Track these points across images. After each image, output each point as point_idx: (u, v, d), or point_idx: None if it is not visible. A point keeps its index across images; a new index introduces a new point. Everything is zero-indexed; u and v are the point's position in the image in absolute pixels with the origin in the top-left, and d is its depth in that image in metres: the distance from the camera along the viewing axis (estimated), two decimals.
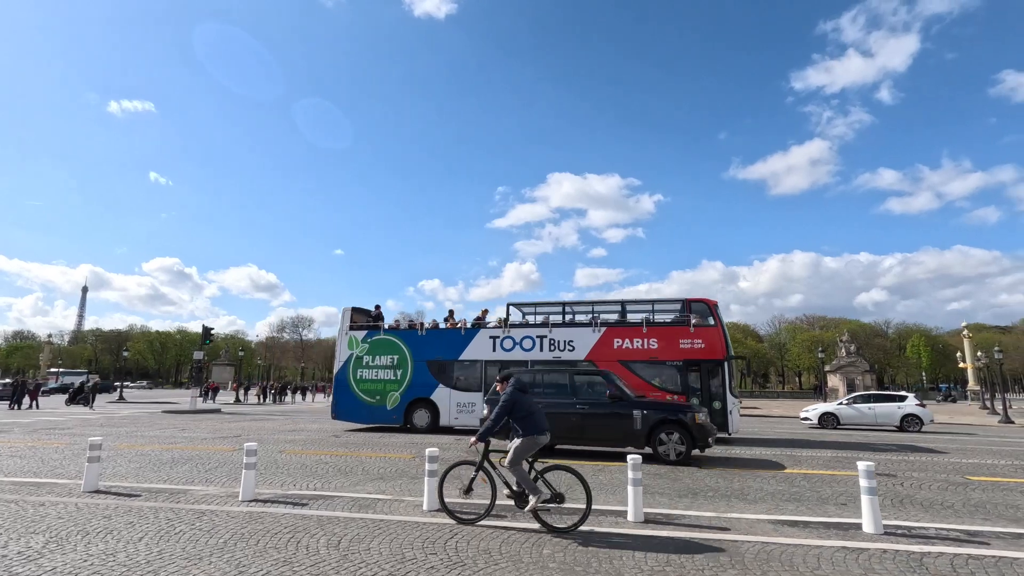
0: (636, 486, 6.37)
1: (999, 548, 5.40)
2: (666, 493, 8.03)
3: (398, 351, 18.26)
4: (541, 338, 17.07)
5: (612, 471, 10.01)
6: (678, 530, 5.93)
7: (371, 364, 18.42)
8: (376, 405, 18.06)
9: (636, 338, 16.25)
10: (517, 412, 6.12)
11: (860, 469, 6.02)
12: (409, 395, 17.81)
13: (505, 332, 17.51)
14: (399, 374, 18.08)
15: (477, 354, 17.47)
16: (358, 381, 18.40)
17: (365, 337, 18.75)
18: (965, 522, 6.50)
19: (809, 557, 5.06)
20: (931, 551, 5.28)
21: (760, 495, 7.95)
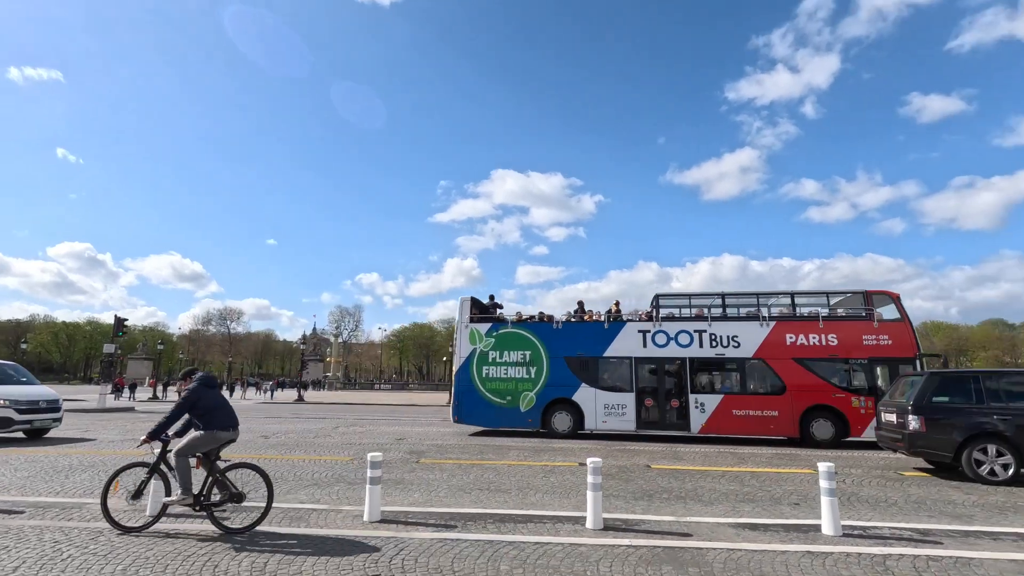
0: (596, 491, 5.99)
1: (953, 548, 5.42)
2: (620, 495, 7.75)
3: (530, 346, 16.37)
4: (700, 332, 15.51)
5: (562, 472, 9.67)
6: (640, 537, 5.60)
7: (498, 361, 16.42)
8: (507, 407, 16.12)
9: (812, 333, 14.97)
10: (199, 408, 5.70)
11: (821, 471, 5.91)
12: (547, 395, 15.96)
13: (656, 326, 15.84)
14: (533, 372, 16.20)
15: (625, 350, 15.80)
16: (484, 380, 16.40)
17: (490, 331, 16.76)
18: (912, 520, 6.57)
19: (777, 564, 4.85)
20: (891, 553, 5.21)
21: (715, 496, 7.82)
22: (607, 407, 15.50)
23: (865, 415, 13.97)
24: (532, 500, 7.36)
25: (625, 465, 10.58)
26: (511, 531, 5.77)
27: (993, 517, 6.77)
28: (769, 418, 14.53)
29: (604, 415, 15.48)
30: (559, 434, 15.53)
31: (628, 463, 10.85)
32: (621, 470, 9.98)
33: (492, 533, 5.68)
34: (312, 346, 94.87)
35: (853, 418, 14.07)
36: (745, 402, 14.78)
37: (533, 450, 12.70)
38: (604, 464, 10.50)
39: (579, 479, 8.88)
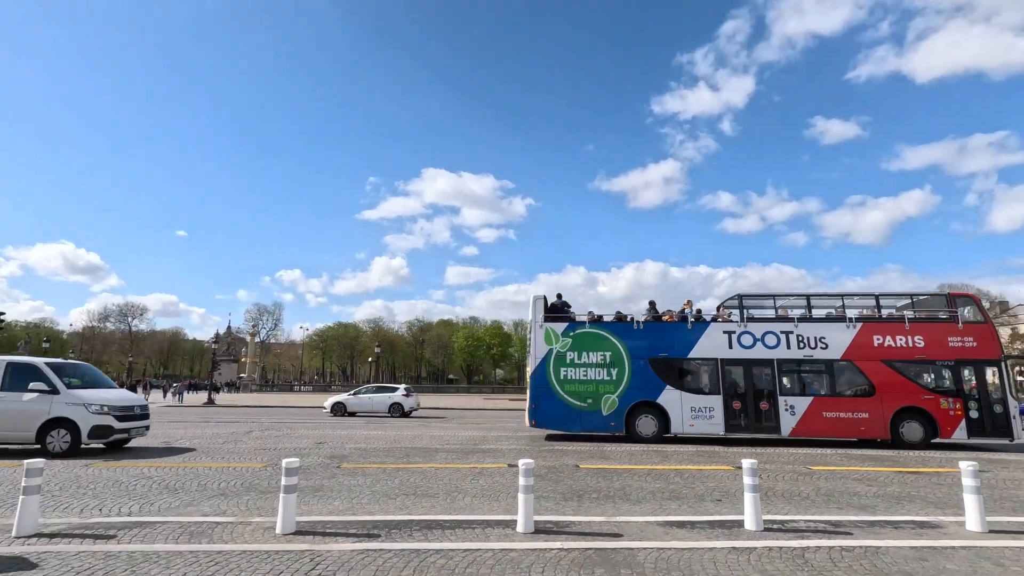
0: (527, 493, 5.81)
1: (862, 538, 5.70)
2: (550, 496, 7.63)
3: (610, 347, 15.70)
4: (787, 334, 15.21)
5: (492, 474, 9.45)
6: (572, 539, 5.48)
7: (576, 362, 15.66)
8: (587, 410, 15.37)
9: (899, 335, 14.90)
10: None
11: (745, 467, 6.06)
12: (629, 398, 15.31)
13: (742, 327, 15.49)
14: (614, 374, 15.50)
15: (710, 351, 15.36)
16: (562, 382, 15.60)
17: (566, 330, 15.97)
18: (824, 512, 6.91)
19: (706, 562, 4.87)
20: (809, 545, 5.40)
21: (642, 494, 7.89)
22: (694, 410, 15.04)
23: (954, 417, 14.14)
24: (461, 504, 7.09)
25: (554, 465, 10.53)
26: (439, 538, 5.48)
27: (892, 507, 7.25)
28: (860, 420, 14.51)
29: (691, 418, 15.03)
30: (644, 439, 15.03)
31: (557, 463, 10.82)
32: (551, 470, 9.91)
33: (418, 541, 5.35)
34: (226, 346, 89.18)
35: (942, 420, 14.21)
36: (835, 404, 14.68)
37: (461, 452, 12.40)
38: (534, 463, 10.43)
39: (509, 481, 8.70)
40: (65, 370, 12.21)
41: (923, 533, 5.92)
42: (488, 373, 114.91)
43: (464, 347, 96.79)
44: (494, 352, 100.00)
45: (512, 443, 14.44)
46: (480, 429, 18.87)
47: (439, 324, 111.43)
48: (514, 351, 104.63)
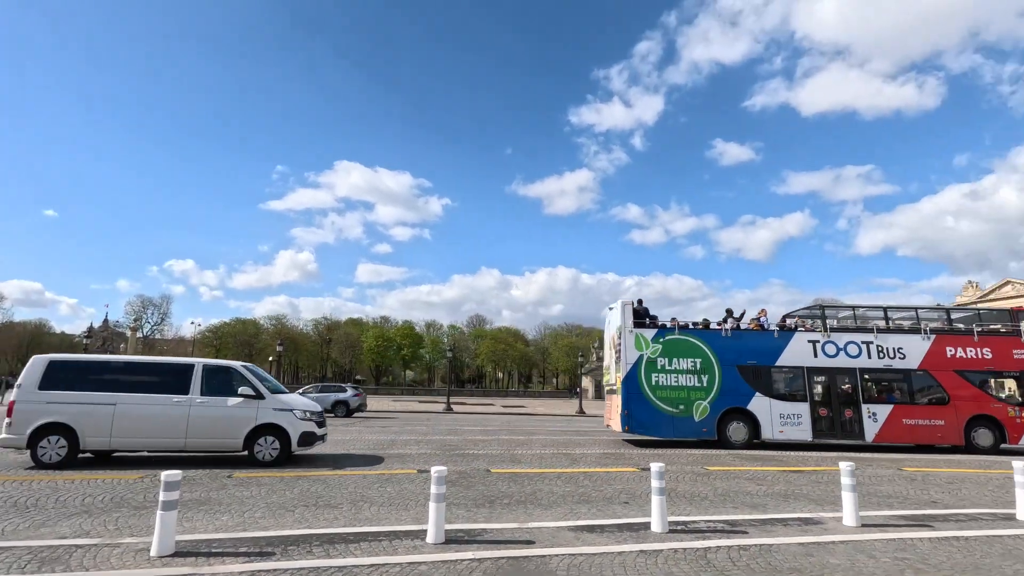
0: (439, 502, 5.58)
1: (756, 536, 6.03)
2: (462, 503, 7.43)
3: (700, 354, 15.74)
4: (867, 344, 15.73)
5: (400, 481, 9.08)
6: (484, 549, 5.32)
7: (667, 368, 15.62)
8: (680, 416, 15.33)
9: (969, 347, 15.64)
10: None
11: (653, 471, 6.22)
12: (721, 405, 15.37)
13: (826, 336, 15.86)
14: (705, 380, 15.54)
15: (796, 359, 15.65)
16: (654, 388, 15.52)
17: (655, 336, 15.89)
18: (722, 512, 7.27)
19: (616, 567, 4.90)
20: (710, 545, 5.62)
21: (553, 499, 7.89)
22: (783, 417, 15.33)
23: (1020, 424, 15.13)
24: (367, 515, 6.70)
25: (465, 470, 10.33)
26: (341, 553, 5.10)
27: (780, 505, 7.79)
28: (936, 427, 15.24)
29: (780, 425, 15.30)
30: (734, 444, 15.17)
31: (468, 468, 10.63)
32: (462, 476, 9.70)
33: (318, 558, 4.95)
34: (101, 340, 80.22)
35: (1010, 427, 15.11)
36: (913, 412, 15.35)
37: (369, 457, 11.85)
38: (446, 469, 10.15)
39: (419, 488, 8.39)
40: (257, 373, 11.43)
41: (808, 529, 6.37)
42: (398, 374, 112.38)
43: (374, 347, 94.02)
44: (404, 353, 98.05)
45: (421, 447, 14.06)
46: (388, 433, 18.25)
47: (348, 323, 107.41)
48: (425, 352, 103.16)
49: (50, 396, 10.07)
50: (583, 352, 68.92)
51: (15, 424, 9.84)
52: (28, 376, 10.23)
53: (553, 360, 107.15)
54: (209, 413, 10.41)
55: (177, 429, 10.24)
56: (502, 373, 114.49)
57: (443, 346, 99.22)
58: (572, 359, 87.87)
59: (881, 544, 5.82)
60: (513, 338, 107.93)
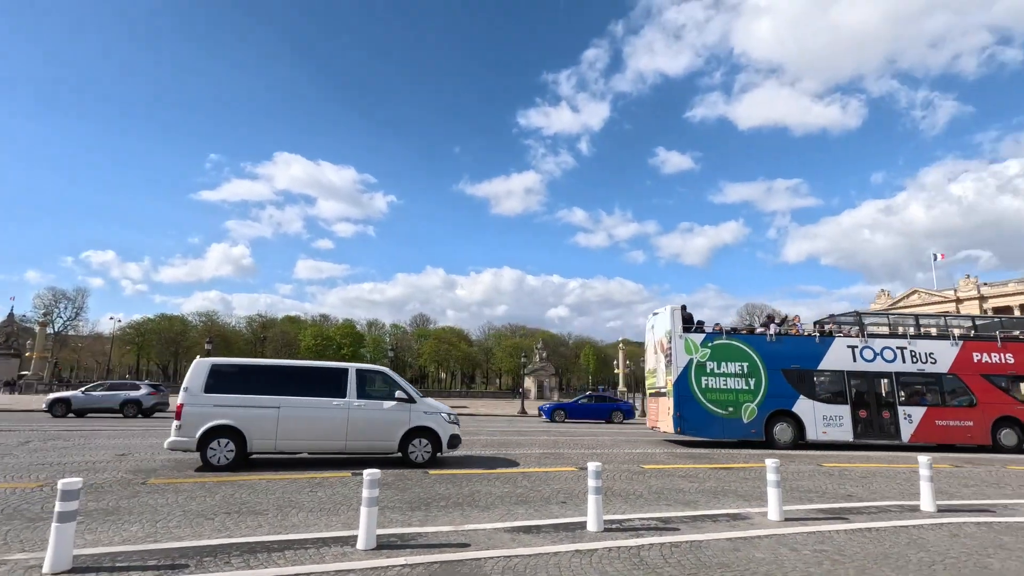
0: (371, 506, 5.37)
1: (688, 533, 6.17)
2: (397, 507, 7.21)
3: (747, 358, 16.36)
4: (902, 349, 16.68)
5: (332, 485, 8.72)
6: (417, 553, 5.16)
7: (716, 371, 16.19)
8: (729, 418, 15.90)
9: (994, 352, 16.63)
10: None
11: (590, 470, 6.24)
12: (767, 407, 15.99)
13: (864, 342, 16.68)
14: (752, 383, 16.16)
15: (837, 364, 16.44)
16: (704, 390, 16.04)
17: (704, 341, 16.46)
18: (655, 509, 7.41)
19: (551, 568, 4.86)
20: (643, 543, 5.69)
21: (491, 500, 7.80)
22: (825, 418, 15.98)
23: None
24: (294, 521, 6.37)
25: (403, 472, 10.07)
26: (263, 563, 4.80)
27: (711, 501, 8.03)
28: (966, 428, 16.15)
29: (823, 426, 15.93)
30: (780, 445, 15.67)
31: (406, 470, 10.37)
32: (398, 478, 9.44)
33: (237, 569, 4.63)
34: (4, 336, 73.43)
35: None
36: (945, 413, 16.25)
37: (300, 461, 11.35)
38: (380, 472, 9.85)
39: (353, 491, 8.08)
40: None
41: (736, 525, 6.59)
42: None
43: (311, 346, 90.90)
44: (344, 352, 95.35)
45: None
46: None
47: (284, 320, 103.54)
48: (367, 352, 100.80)
49: (216, 399, 10.14)
50: (526, 353, 69.40)
51: (184, 427, 9.92)
52: (193, 379, 10.26)
53: (497, 360, 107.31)
54: (367, 416, 10.70)
55: (338, 432, 10.50)
56: (445, 373, 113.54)
57: (385, 345, 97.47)
58: (515, 360, 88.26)
59: (802, 537, 6.09)
60: (457, 338, 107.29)
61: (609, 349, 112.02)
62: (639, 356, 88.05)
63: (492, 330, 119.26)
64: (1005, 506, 8.22)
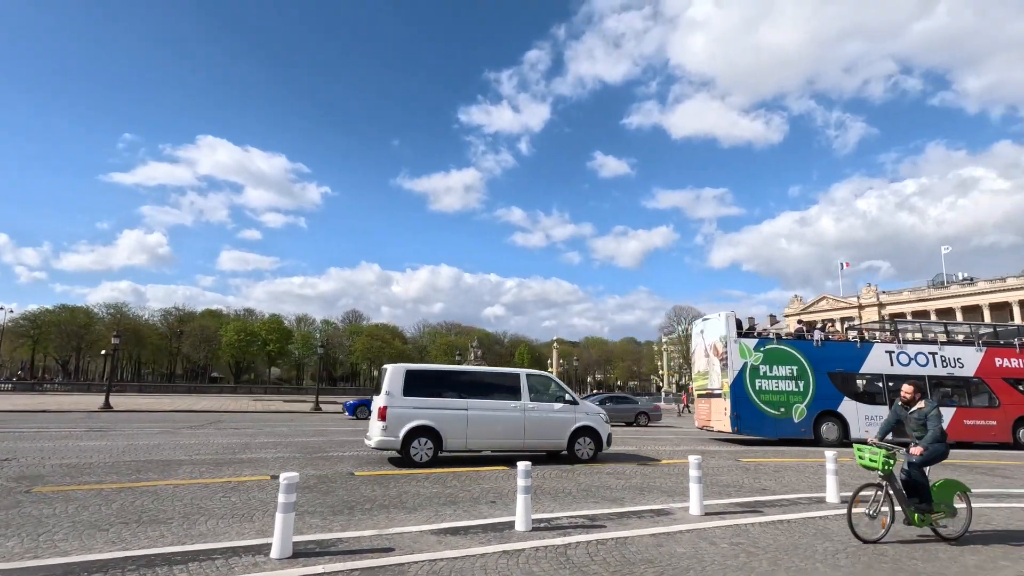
0: (287, 512, 5.04)
1: (614, 530, 6.25)
2: (318, 511, 6.86)
3: (796, 361, 17.41)
4: (933, 354, 17.98)
5: (249, 489, 8.21)
6: (336, 560, 4.90)
7: (768, 374, 17.18)
8: (781, 418, 16.99)
9: (1014, 358, 18.16)
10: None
11: (520, 470, 6.19)
12: (815, 407, 17.11)
13: (899, 347, 17.97)
14: (801, 385, 17.24)
15: (876, 367, 17.68)
16: (758, 392, 17.03)
17: (757, 346, 17.45)
18: (584, 507, 7.47)
19: (477, 570, 4.76)
20: (570, 542, 5.70)
21: (418, 501, 7.60)
22: (867, 418, 16.99)
23: None
24: (202, 529, 5.90)
25: (327, 474, 9.65)
26: None
27: (636, 498, 8.21)
28: (990, 427, 17.50)
29: (866, 425, 16.82)
30: (827, 443, 16.53)
31: (331, 471, 9.95)
32: (322, 480, 9.03)
33: None
34: None
35: None
36: (972, 414, 17.58)
37: (214, 463, 10.63)
38: (304, 474, 9.40)
39: (271, 496, 7.63)
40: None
41: (659, 520, 6.75)
42: (261, 371, 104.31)
43: (233, 342, 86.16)
44: (270, 348, 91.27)
45: (280, 451, 12.96)
46: (243, 435, 16.65)
47: (204, 314, 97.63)
48: (295, 348, 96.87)
49: (415, 402, 11.07)
50: (461, 351, 69.05)
51: (390, 427, 10.80)
52: (392, 383, 11.11)
53: (432, 358, 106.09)
54: (540, 417, 11.85)
55: (517, 431, 11.64)
56: (378, 371, 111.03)
57: (315, 342, 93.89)
58: (450, 357, 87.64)
59: (720, 531, 6.32)
60: (391, 335, 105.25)
61: (543, 348, 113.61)
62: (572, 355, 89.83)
63: (427, 328, 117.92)
64: None
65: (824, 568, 5.07)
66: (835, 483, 8.21)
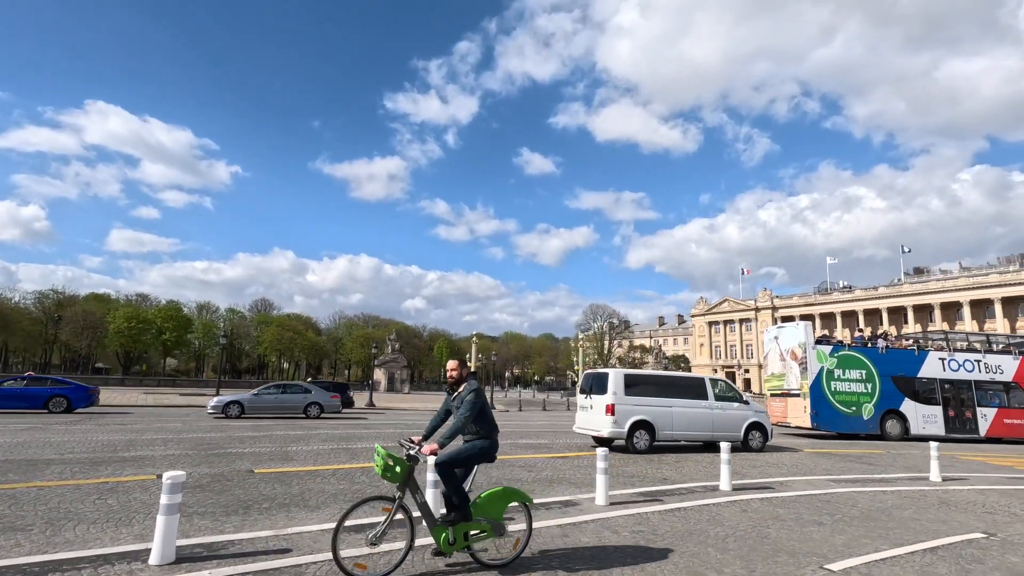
0: (170, 513, 4.62)
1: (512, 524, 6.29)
2: (209, 512, 6.37)
3: (863, 366, 20.01)
4: (978, 361, 20.80)
5: (129, 490, 7.48)
6: (224, 565, 4.56)
7: (842, 377, 19.72)
8: (853, 416, 19.49)
9: None
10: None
11: (430, 464, 6.07)
12: (881, 406, 19.69)
13: (950, 355, 20.91)
14: (869, 387, 19.80)
15: (931, 372, 20.38)
16: (833, 393, 19.48)
17: (831, 352, 20.04)
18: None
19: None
20: None
21: (323, 499, 7.27)
22: (924, 416, 19.79)
23: None
24: (69, 536, 5.28)
25: (223, 472, 9.01)
26: None
27: (546, 490, 8.34)
28: None
29: (924, 423, 19.66)
30: (891, 438, 19.28)
31: (227, 469, 9.30)
32: (216, 479, 8.42)
33: None
34: None
35: None
36: (1011, 414, 20.40)
37: (90, 463, 9.59)
38: (196, 473, 8.73)
39: (154, 497, 6.98)
40: None
41: (567, 512, 6.90)
42: (156, 362, 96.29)
43: (123, 329, 78.68)
44: (166, 338, 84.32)
45: (170, 447, 11.96)
46: (128, 431, 15.20)
47: (89, 299, 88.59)
48: (195, 338, 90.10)
49: (634, 400, 13.55)
50: (378, 344, 67.34)
51: (618, 421, 13.26)
52: (615, 384, 13.57)
53: (347, 351, 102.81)
54: (723, 414, 14.33)
55: (707, 425, 14.13)
56: (288, 363, 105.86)
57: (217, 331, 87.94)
58: (367, 350, 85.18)
59: (623, 520, 6.56)
60: (303, 326, 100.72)
61: (463, 343, 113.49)
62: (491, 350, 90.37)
63: (344, 319, 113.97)
64: (782, 483, 9.75)
65: (715, 552, 5.40)
66: (728, 472, 8.80)
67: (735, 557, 5.25)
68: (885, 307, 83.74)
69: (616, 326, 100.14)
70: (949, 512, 7.74)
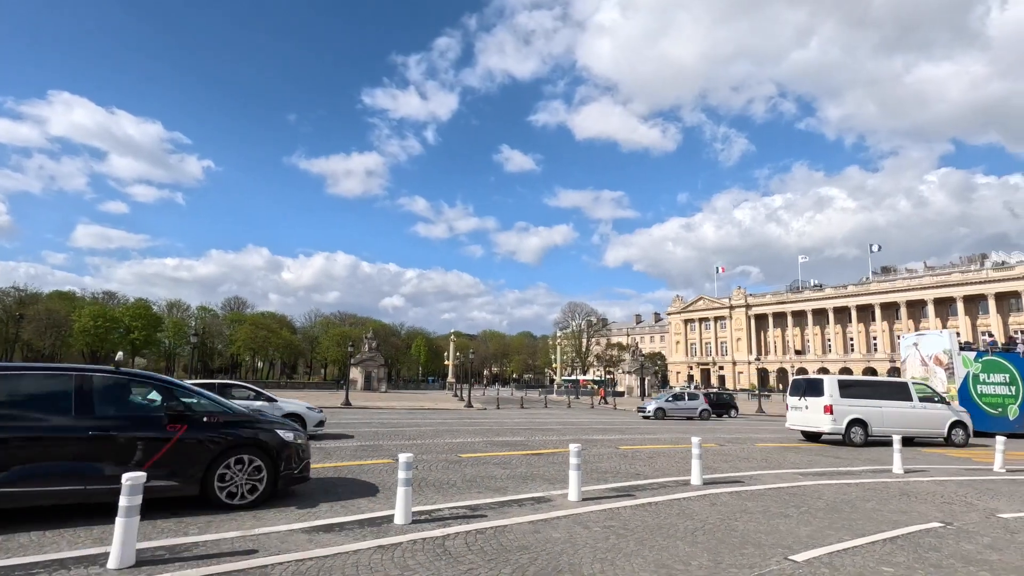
0: (129, 516, 4.49)
1: (494, 519, 6.30)
2: (174, 514, 6.21)
3: (1007, 370, 21.67)
4: None
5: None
6: (187, 567, 4.46)
7: (987, 381, 21.55)
8: (998, 416, 20.97)
9: None
10: None
11: (400, 461, 6.04)
12: None
13: None
14: (1014, 390, 21.35)
15: None
16: (980, 395, 21.31)
17: (976, 357, 22.07)
18: (467, 498, 7.46)
19: (348, 568, 4.56)
20: (449, 532, 5.67)
21: (294, 496, 7.16)
22: None
23: None
24: (22, 541, 5.09)
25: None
26: None
27: (519, 486, 8.36)
28: None
29: None
30: None
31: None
32: None
33: None
34: None
35: None
36: None
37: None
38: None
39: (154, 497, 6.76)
40: None
41: (539, 508, 6.92)
42: (124, 362, 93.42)
43: (89, 328, 76.37)
44: (135, 336, 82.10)
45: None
46: None
47: (53, 297, 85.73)
48: (165, 337, 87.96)
49: (848, 401, 15.81)
50: (354, 342, 66.59)
51: (836, 420, 15.55)
52: (831, 388, 15.91)
53: (323, 350, 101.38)
54: (926, 413, 16.52)
55: (912, 422, 16.17)
56: (262, 362, 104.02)
57: (188, 330, 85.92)
58: (343, 349, 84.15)
59: (595, 515, 6.60)
60: (278, 324, 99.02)
61: (441, 341, 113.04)
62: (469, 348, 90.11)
63: (320, 317, 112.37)
64: (751, 476, 9.93)
65: (683, 545, 5.47)
66: (698, 467, 8.92)
67: (703, 550, 5.33)
68: (854, 305, 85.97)
69: (594, 324, 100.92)
70: (909, 503, 7.99)
